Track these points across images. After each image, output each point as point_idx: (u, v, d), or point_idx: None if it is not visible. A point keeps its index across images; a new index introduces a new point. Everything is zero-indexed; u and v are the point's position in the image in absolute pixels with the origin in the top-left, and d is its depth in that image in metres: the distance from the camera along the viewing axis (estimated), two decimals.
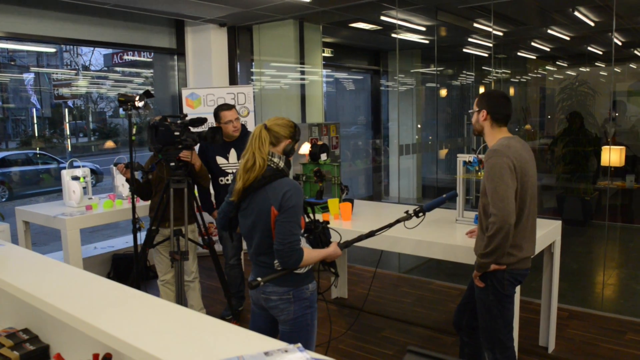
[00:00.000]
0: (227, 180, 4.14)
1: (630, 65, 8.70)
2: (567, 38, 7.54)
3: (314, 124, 6.23)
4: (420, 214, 2.90)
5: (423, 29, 6.81)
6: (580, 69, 8.10)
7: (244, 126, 4.20)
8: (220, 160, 4.14)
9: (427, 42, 7.99)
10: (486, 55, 8.37)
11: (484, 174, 2.60)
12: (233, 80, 6.55)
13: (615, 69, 8.76)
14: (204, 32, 6.36)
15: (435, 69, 8.35)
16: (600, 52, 8.57)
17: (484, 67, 8.88)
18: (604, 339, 3.91)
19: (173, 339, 1.58)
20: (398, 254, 5.75)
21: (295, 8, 5.62)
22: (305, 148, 5.79)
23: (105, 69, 13.48)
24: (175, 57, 6.59)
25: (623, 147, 6.77)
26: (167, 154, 3.71)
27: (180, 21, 6.43)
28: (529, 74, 9.24)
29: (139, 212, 4.72)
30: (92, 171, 12.68)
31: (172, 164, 3.71)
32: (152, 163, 3.98)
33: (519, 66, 9.01)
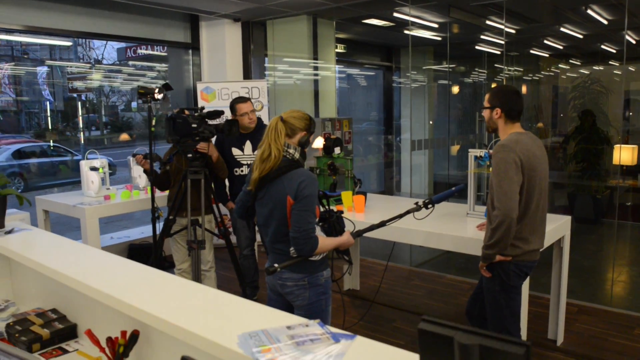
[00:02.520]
0: (242, 171, 4.23)
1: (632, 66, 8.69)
2: (580, 36, 7.55)
3: (327, 118, 6.30)
4: (430, 206, 2.97)
5: (435, 25, 6.85)
6: (593, 67, 8.10)
7: (259, 119, 4.29)
8: (235, 151, 4.23)
9: (439, 39, 8.03)
10: (498, 52, 8.39)
11: (492, 169, 2.66)
12: (247, 75, 6.63)
13: (629, 68, 8.75)
14: (219, 26, 6.45)
15: (447, 66, 8.40)
16: (614, 51, 8.56)
17: (496, 65, 8.90)
18: (613, 334, 3.96)
19: (199, 314, 1.65)
20: (409, 248, 5.83)
21: (309, 4, 5.69)
22: (318, 142, 5.87)
23: (118, 62, 13.66)
24: (190, 51, 6.68)
25: (635, 146, 6.78)
26: (184, 145, 3.80)
27: (195, 16, 6.52)
28: (541, 72, 9.25)
29: (157, 203, 4.85)
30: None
31: (190, 155, 3.80)
32: (170, 155, 4.07)
33: (531, 64, 9.02)
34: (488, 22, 6.80)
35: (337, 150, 4.31)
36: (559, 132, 8.98)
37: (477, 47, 8.28)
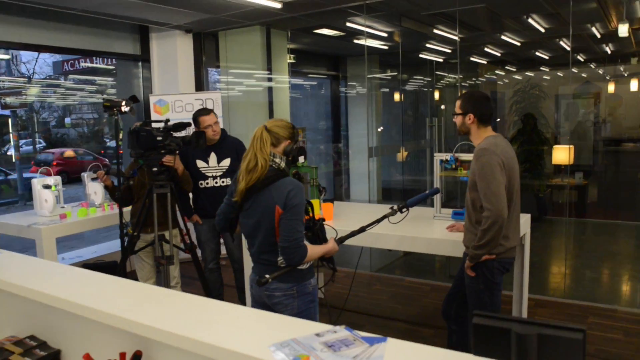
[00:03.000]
0: (207, 183, 4.16)
1: (573, 70, 9.25)
2: (518, 43, 7.95)
3: None
4: (404, 210, 3.05)
5: (385, 35, 7.02)
6: (530, 73, 8.54)
7: (223, 130, 4.24)
8: (200, 163, 4.16)
9: (386, 47, 8.22)
10: (440, 60, 8.71)
11: (476, 172, 2.75)
12: (199, 87, 6.54)
13: (559, 74, 9.30)
14: (170, 38, 6.34)
15: (395, 74, 8.61)
16: (547, 57, 9.09)
17: (437, 72, 9.22)
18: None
19: (215, 327, 1.60)
20: (369, 253, 5.91)
21: (263, 14, 5.69)
22: None
23: (55, 76, 13.08)
24: (140, 63, 6.52)
25: (571, 146, 7.20)
26: (149, 159, 3.71)
27: (145, 27, 6.38)
28: (481, 78, 9.66)
29: (127, 218, 4.69)
30: None
31: (155, 169, 3.71)
32: (133, 169, 3.96)
33: (472, 70, 9.40)
34: (435, 31, 7.04)
35: (301, 159, 4.33)
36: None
37: (423, 56, 8.54)
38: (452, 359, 1.31)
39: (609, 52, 8.74)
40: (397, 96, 9.07)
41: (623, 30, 5.61)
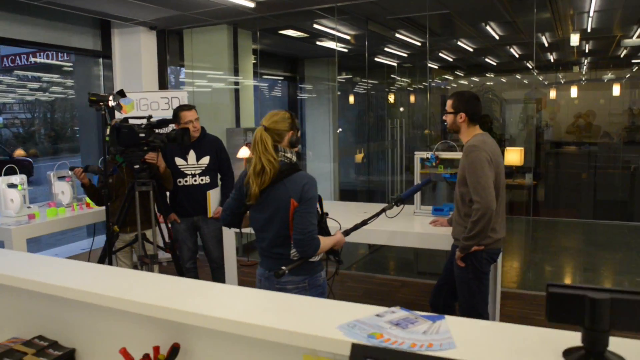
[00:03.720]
0: (186, 181, 4.11)
1: (516, 76, 9.75)
2: (470, 49, 8.29)
3: (248, 128, 6.30)
4: (399, 204, 3.17)
5: (348, 37, 7.13)
6: (471, 78, 8.90)
7: (202, 128, 4.20)
8: (179, 161, 4.10)
9: (346, 50, 8.35)
10: (394, 63, 8.94)
11: (466, 167, 2.88)
12: (163, 85, 6.42)
13: (502, 79, 9.76)
14: (133, 34, 6.19)
15: (350, 76, 8.75)
16: (495, 63, 9.52)
17: (392, 76, 9.46)
18: (538, 313, 4.41)
19: (267, 313, 1.59)
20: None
21: (231, 14, 5.67)
22: (243, 152, 5.85)
23: None
24: (101, 60, 6.33)
25: (522, 148, 7.58)
26: (130, 156, 3.63)
27: (106, 23, 6.19)
28: (434, 82, 9.97)
29: (93, 218, 4.54)
30: None
31: (137, 166, 3.63)
32: (112, 167, 3.86)
33: (426, 75, 9.70)
34: (398, 35, 7.23)
35: None
36: (449, 138, 9.76)
37: (381, 60, 8.73)
38: (509, 330, 1.42)
39: (552, 60, 9.28)
40: (352, 98, 9.23)
41: (575, 39, 6.00)
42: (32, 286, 2.09)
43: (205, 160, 4.13)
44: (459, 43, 7.72)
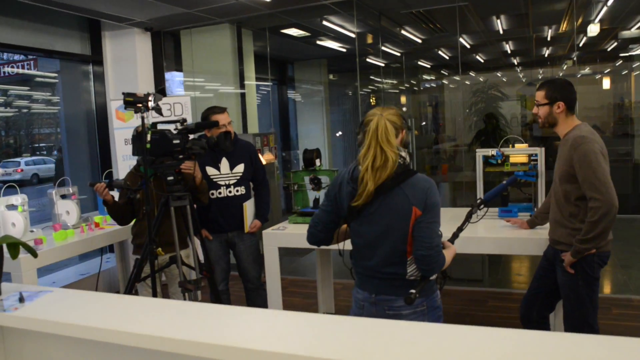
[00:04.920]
0: (219, 193, 3.64)
1: (498, 73, 9.60)
2: (468, 46, 8.06)
3: (257, 134, 5.85)
4: (482, 206, 2.83)
5: (353, 35, 6.78)
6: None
7: (235, 133, 3.74)
8: (211, 171, 3.63)
9: (344, 50, 8.01)
10: (381, 64, 8.64)
11: (576, 161, 2.54)
12: (160, 91, 5.90)
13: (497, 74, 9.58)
14: (126, 37, 5.65)
15: (348, 78, 8.40)
16: (483, 60, 9.35)
17: (371, 77, 9.14)
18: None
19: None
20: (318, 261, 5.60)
21: (236, 11, 5.22)
22: (265, 158, 5.42)
23: None
24: (91, 65, 5.76)
25: (526, 145, 7.39)
26: (162, 166, 3.15)
27: (96, 25, 5.63)
28: (443, 81, 9.74)
29: (106, 240, 4.03)
30: None
31: (171, 177, 3.15)
32: (133, 180, 3.36)
33: (424, 74, 9.47)
34: (404, 33, 6.93)
35: (318, 162, 3.95)
36: (448, 136, 9.55)
37: (373, 60, 8.41)
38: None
39: (546, 54, 9.18)
40: (351, 100, 8.90)
41: (594, 29, 5.81)
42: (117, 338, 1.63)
43: (240, 168, 3.68)
44: (460, 39, 7.47)
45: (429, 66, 9.82)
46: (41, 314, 1.88)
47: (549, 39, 8.10)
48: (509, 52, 9.21)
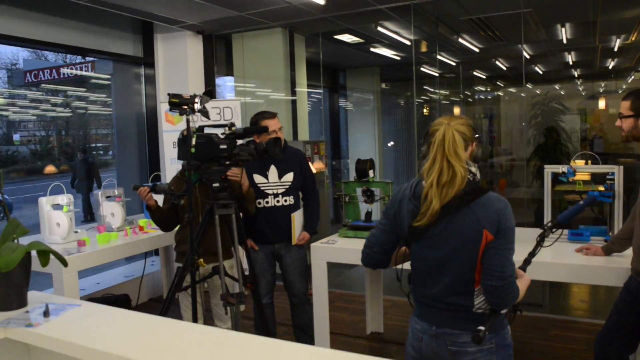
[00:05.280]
0: (267, 202, 3.47)
1: (556, 85, 9.10)
2: (530, 55, 7.68)
3: (307, 141, 5.69)
4: (554, 229, 2.54)
5: (408, 43, 6.54)
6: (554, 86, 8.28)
7: (285, 140, 3.58)
8: (258, 179, 3.47)
9: (398, 58, 7.78)
10: (434, 74, 8.34)
11: None
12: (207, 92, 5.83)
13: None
14: (178, 39, 5.62)
15: (402, 87, 8.16)
16: (542, 71, 8.90)
17: (426, 88, 8.84)
18: None
19: None
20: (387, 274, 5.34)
21: (290, 14, 5.08)
22: (315, 166, 5.26)
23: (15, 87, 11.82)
24: (142, 68, 5.75)
25: (590, 161, 6.93)
26: (208, 172, 3.01)
27: (148, 27, 5.62)
28: (483, 93, 9.39)
29: (150, 244, 3.94)
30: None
31: (216, 184, 3.01)
32: (184, 185, 3.24)
33: (483, 84, 9.12)
34: (461, 40, 6.65)
35: (370, 173, 3.73)
36: (504, 150, 9.13)
37: (427, 70, 8.14)
38: None
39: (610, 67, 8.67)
40: (403, 110, 8.65)
41: None
42: None
43: (289, 177, 3.50)
44: (522, 47, 7.11)
45: (484, 77, 9.46)
46: (63, 333, 1.72)
47: (615, 49, 7.62)
48: (571, 63, 8.75)
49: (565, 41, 7.10)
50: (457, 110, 9.12)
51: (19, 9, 4.59)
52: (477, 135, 1.92)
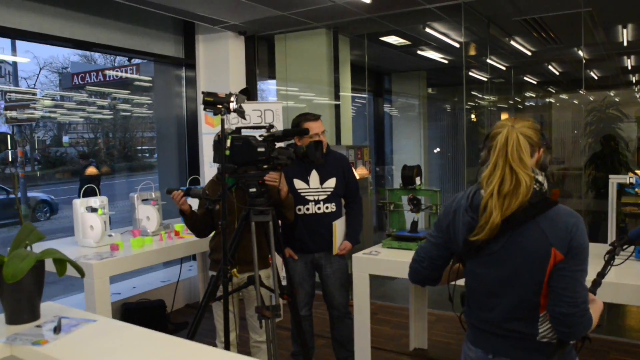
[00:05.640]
0: (307, 209, 3.30)
1: (611, 92, 8.58)
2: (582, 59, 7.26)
3: (350, 146, 5.50)
4: (625, 246, 2.25)
5: (457, 45, 6.28)
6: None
7: (327, 144, 3.40)
8: (299, 184, 3.30)
9: (445, 61, 7.51)
10: (483, 79, 8.00)
11: None
12: (251, 97, 5.72)
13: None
14: (220, 40, 5.53)
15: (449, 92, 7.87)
16: (596, 77, 8.43)
17: (474, 94, 8.51)
18: None
19: None
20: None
21: (334, 14, 4.91)
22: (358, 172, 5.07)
23: (63, 90, 12.16)
24: (183, 69, 5.69)
25: None
26: (244, 176, 2.85)
27: (190, 27, 5.56)
28: (534, 99, 8.99)
29: (185, 250, 3.83)
30: (45, 202, 11.27)
31: (253, 189, 2.85)
32: (219, 190, 3.10)
33: (533, 90, 8.73)
34: (513, 43, 6.33)
35: (418, 180, 3.51)
36: (555, 158, 8.70)
37: (476, 75, 7.83)
38: None
39: None
40: (450, 116, 8.36)
41: None
42: None
43: (331, 183, 3.32)
44: (579, 51, 6.73)
45: (534, 82, 9.06)
46: (70, 355, 1.57)
47: None
48: (629, 68, 8.27)
49: (625, 43, 6.68)
50: (504, 116, 8.76)
51: (60, 8, 4.58)
52: (545, 141, 1.69)
